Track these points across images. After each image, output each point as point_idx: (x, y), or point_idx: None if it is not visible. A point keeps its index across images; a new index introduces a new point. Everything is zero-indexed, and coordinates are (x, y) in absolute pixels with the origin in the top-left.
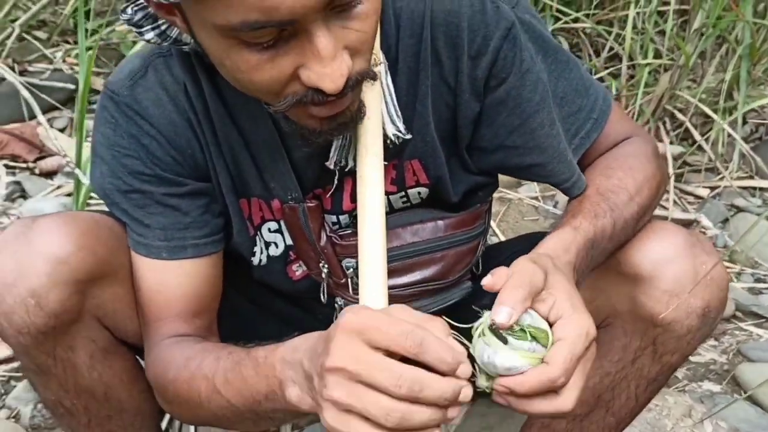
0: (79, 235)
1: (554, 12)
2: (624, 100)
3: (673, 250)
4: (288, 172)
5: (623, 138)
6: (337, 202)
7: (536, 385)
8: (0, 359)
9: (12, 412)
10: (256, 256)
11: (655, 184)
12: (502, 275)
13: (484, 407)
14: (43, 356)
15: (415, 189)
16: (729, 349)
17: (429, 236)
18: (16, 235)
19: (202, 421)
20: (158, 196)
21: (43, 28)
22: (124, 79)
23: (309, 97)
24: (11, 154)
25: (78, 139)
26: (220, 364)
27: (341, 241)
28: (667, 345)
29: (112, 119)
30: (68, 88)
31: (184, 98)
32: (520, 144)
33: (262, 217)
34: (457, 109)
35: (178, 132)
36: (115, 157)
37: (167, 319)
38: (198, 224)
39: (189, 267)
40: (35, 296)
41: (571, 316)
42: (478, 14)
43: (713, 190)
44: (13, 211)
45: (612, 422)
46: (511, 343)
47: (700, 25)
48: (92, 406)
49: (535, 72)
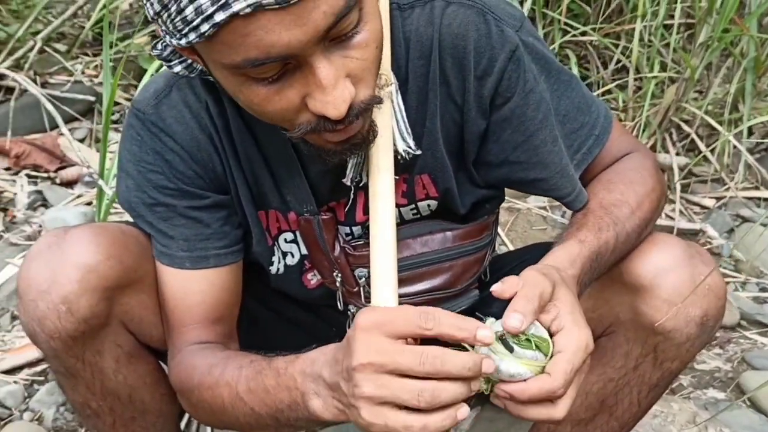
0: (107, 245)
1: (562, 25)
2: (631, 112)
3: (671, 261)
4: (304, 187)
5: (624, 153)
6: (351, 214)
7: (537, 394)
8: (23, 364)
9: (35, 415)
10: (275, 266)
11: (656, 197)
12: (512, 284)
13: (493, 413)
14: (72, 360)
15: (424, 202)
16: (734, 357)
17: (438, 246)
18: (49, 245)
19: (225, 425)
20: (181, 209)
21: (62, 40)
22: (150, 98)
23: (321, 125)
24: (33, 164)
25: (102, 150)
26: (243, 373)
27: (354, 251)
28: (668, 352)
29: (138, 136)
30: (87, 100)
31: (206, 116)
32: (524, 159)
33: (279, 228)
34: (464, 126)
35: (200, 147)
36: (141, 173)
37: (190, 326)
38: (219, 235)
39: (211, 276)
40: (66, 302)
41: (571, 330)
42: (483, 37)
43: (719, 200)
44: (34, 219)
45: (615, 426)
46: (516, 351)
47: (705, 39)
48: (117, 408)
49: (537, 92)
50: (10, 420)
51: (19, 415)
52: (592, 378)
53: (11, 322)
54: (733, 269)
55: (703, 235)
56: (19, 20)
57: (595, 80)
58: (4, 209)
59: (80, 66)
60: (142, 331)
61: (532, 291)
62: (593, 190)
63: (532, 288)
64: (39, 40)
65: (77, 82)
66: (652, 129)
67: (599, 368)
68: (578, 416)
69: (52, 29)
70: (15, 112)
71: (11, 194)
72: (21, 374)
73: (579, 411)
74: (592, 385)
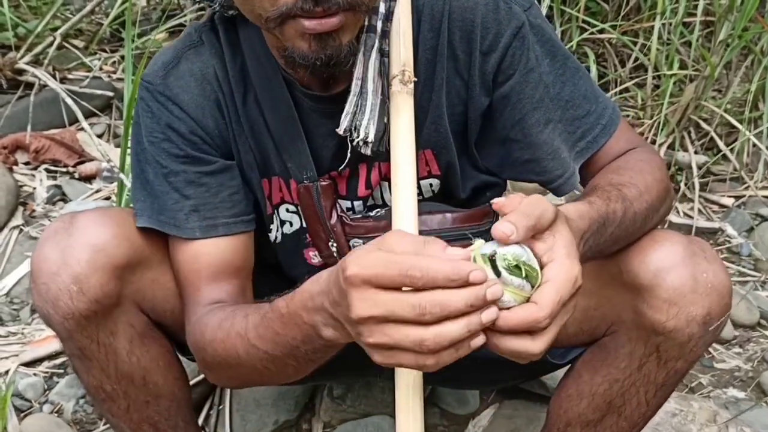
0: (115, 225)
1: (580, 23)
2: (649, 110)
3: (672, 259)
4: (305, 152)
5: (631, 148)
6: (353, 187)
7: (520, 324)
8: (43, 356)
9: (55, 407)
10: (272, 233)
11: (663, 187)
12: (514, 201)
13: (511, 410)
14: (86, 341)
15: (427, 180)
16: (754, 357)
17: (436, 227)
18: (57, 229)
19: (245, 380)
20: (192, 175)
21: (80, 37)
22: (158, 70)
23: (299, 5)
24: (52, 159)
25: (123, 144)
26: (250, 320)
27: (351, 222)
28: (671, 352)
29: (148, 108)
30: (106, 95)
31: (214, 80)
32: (520, 138)
33: (282, 197)
34: (468, 103)
35: (206, 114)
36: (152, 143)
37: (202, 287)
38: (228, 204)
39: (220, 242)
40: (77, 282)
41: (563, 262)
42: (491, 12)
43: (738, 199)
44: (54, 213)
45: (625, 427)
46: (504, 277)
47: (725, 37)
48: (131, 391)
49: (537, 72)
50: (30, 412)
51: (39, 407)
52: (598, 379)
53: (31, 315)
54: (752, 268)
55: (722, 234)
56: (38, 17)
57: (613, 78)
58: (24, 203)
59: (98, 62)
60: (156, 308)
61: (531, 209)
62: (601, 174)
63: (532, 207)
64: (58, 36)
65: (96, 78)
66: (670, 127)
67: (604, 369)
68: (586, 418)
69: (70, 25)
70: (34, 107)
71: (31, 188)
72: (41, 367)
73: (587, 413)
74: (598, 387)
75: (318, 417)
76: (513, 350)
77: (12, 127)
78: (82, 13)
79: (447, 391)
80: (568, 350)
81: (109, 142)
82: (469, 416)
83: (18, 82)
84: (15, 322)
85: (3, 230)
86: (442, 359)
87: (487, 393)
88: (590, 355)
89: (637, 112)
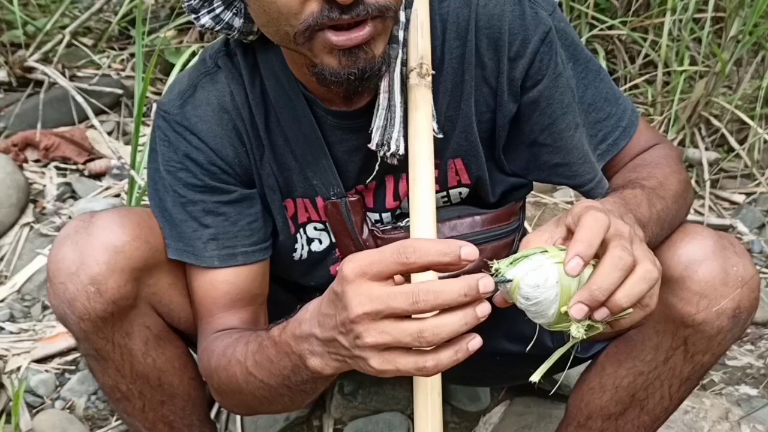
0: (134, 227)
1: (590, 19)
2: (659, 107)
3: (703, 252)
4: (330, 169)
5: (650, 146)
6: (380, 199)
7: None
8: (55, 353)
9: (67, 403)
10: (297, 252)
11: (683, 178)
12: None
13: (522, 407)
14: (102, 342)
15: (456, 189)
16: (766, 354)
17: (467, 231)
18: (76, 229)
19: (247, 407)
20: (210, 205)
21: (88, 34)
22: (175, 99)
23: (326, 14)
24: (62, 156)
25: (134, 141)
26: (249, 348)
27: (383, 235)
28: (698, 345)
29: (165, 137)
30: (115, 93)
31: (232, 107)
32: (549, 142)
33: (309, 217)
34: (497, 110)
35: (225, 143)
36: (170, 172)
37: (217, 315)
38: (246, 233)
39: (239, 271)
40: (95, 283)
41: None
42: (518, 18)
43: (749, 196)
44: (64, 210)
45: (647, 420)
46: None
47: (736, 33)
48: (146, 391)
49: (565, 77)
50: (41, 408)
51: (51, 403)
52: (622, 372)
53: (42, 312)
54: (764, 265)
55: (733, 231)
56: (47, 15)
57: (623, 75)
58: (34, 201)
59: (107, 60)
60: (171, 313)
61: (591, 235)
62: (621, 174)
63: (591, 232)
64: (67, 34)
65: (105, 76)
66: (680, 124)
67: (629, 361)
68: (608, 411)
69: (79, 23)
70: (44, 104)
71: (41, 186)
72: (53, 363)
73: (609, 405)
74: (622, 379)
75: (329, 414)
76: (638, 291)
77: (22, 125)
78: (90, 11)
79: (458, 387)
80: (591, 344)
81: (119, 140)
82: (480, 413)
83: (27, 80)
84: (26, 318)
85: (14, 227)
86: (442, 361)
87: (498, 390)
88: (615, 347)
89: (647, 108)
